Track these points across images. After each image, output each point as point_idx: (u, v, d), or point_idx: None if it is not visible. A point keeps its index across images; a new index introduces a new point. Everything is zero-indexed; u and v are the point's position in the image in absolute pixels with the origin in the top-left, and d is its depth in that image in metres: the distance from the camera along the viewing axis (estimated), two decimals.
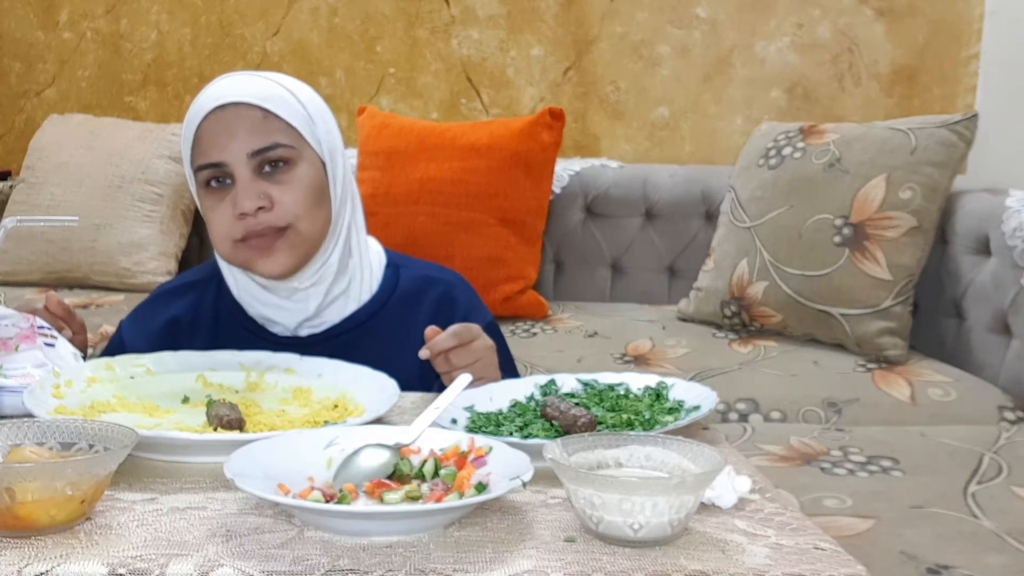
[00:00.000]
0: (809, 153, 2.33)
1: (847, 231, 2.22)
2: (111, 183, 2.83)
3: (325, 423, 1.13)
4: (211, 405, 1.15)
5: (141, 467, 1.04)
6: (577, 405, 1.15)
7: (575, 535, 0.88)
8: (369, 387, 1.25)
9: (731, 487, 0.95)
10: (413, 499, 0.92)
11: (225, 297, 1.48)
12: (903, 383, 2.09)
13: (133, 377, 1.30)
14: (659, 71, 2.98)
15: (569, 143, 2.96)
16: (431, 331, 1.31)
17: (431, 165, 2.58)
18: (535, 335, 2.43)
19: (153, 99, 3.26)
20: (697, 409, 1.15)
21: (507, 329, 2.32)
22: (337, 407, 1.21)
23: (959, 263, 2.27)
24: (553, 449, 0.92)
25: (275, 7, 3.13)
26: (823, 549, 0.86)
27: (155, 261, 2.79)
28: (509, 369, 1.47)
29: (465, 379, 1.14)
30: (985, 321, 2.19)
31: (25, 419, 1.00)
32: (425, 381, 1.36)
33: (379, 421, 1.14)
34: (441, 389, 1.17)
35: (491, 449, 0.98)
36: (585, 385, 1.26)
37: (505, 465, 0.95)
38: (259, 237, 1.36)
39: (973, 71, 2.83)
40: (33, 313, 1.32)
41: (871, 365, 2.17)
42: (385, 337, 1.45)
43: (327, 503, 0.90)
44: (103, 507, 0.93)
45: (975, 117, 2.25)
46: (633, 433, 1.01)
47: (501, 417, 1.16)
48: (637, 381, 1.25)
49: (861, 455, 1.75)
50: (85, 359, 1.36)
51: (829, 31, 2.89)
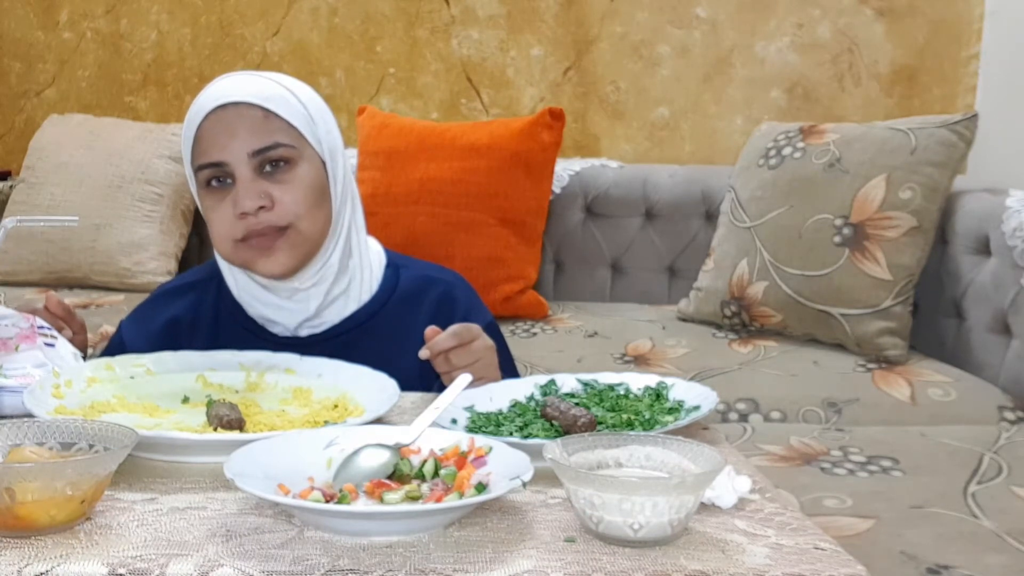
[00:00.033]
0: (809, 153, 2.33)
1: (847, 231, 2.21)
2: (111, 183, 2.83)
3: (325, 423, 1.13)
4: (211, 405, 1.15)
5: (141, 467, 1.04)
6: (577, 405, 1.15)
7: (575, 535, 0.88)
8: (369, 387, 1.25)
9: (731, 487, 0.95)
10: (413, 499, 0.92)
11: (225, 297, 1.48)
12: (903, 383, 2.09)
13: (133, 377, 1.30)
14: (659, 71, 2.98)
15: (569, 143, 2.96)
16: (431, 331, 1.31)
17: (431, 165, 2.58)
18: (535, 335, 2.43)
19: (153, 99, 3.26)
20: (697, 409, 1.15)
21: (507, 329, 2.32)
22: (337, 407, 1.21)
23: (959, 263, 2.27)
24: (553, 449, 0.92)
25: (275, 7, 3.13)
26: (823, 549, 0.86)
27: (155, 261, 2.79)
28: (509, 369, 1.47)
29: (465, 379, 1.14)
30: (985, 321, 2.19)
31: (25, 419, 1.00)
32: (425, 381, 1.37)
33: (379, 421, 1.14)
34: (441, 389, 1.17)
35: (491, 449, 0.98)
36: (585, 385, 1.26)
37: (505, 465, 0.95)
38: (260, 237, 1.37)
39: (973, 71, 2.83)
40: (33, 313, 1.32)
41: (871, 365, 2.17)
42: (385, 337, 1.45)
43: (327, 503, 0.90)
44: (103, 507, 0.93)
45: (975, 117, 2.25)
46: (633, 433, 1.01)
47: (501, 417, 1.16)
48: (637, 381, 1.25)
49: (861, 455, 1.75)
50: (85, 359, 1.36)
51: (829, 31, 2.89)
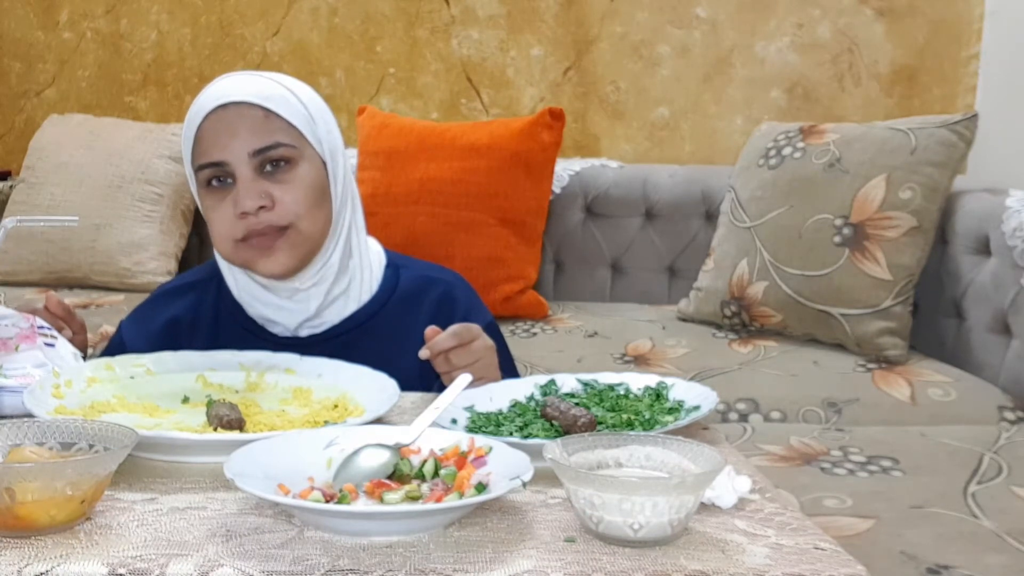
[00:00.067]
0: (809, 153, 2.33)
1: (847, 231, 2.21)
2: (111, 183, 2.83)
3: (325, 423, 1.13)
4: (211, 405, 1.15)
5: (141, 467, 1.04)
6: (577, 405, 1.15)
7: (575, 535, 0.88)
8: (369, 387, 1.25)
9: (731, 487, 0.95)
10: (413, 499, 0.92)
11: (225, 297, 1.48)
12: (903, 383, 2.09)
13: (133, 377, 1.30)
14: (659, 71, 2.98)
15: (569, 143, 2.96)
16: (431, 331, 1.31)
17: (431, 165, 2.58)
18: (535, 335, 2.43)
19: (153, 99, 3.26)
20: (697, 409, 1.15)
21: (507, 329, 2.32)
22: (337, 407, 1.21)
23: (959, 263, 2.27)
24: (553, 449, 0.92)
25: (275, 7, 3.13)
26: (823, 549, 0.86)
27: (155, 261, 2.79)
28: (509, 369, 1.47)
29: (465, 379, 1.14)
30: (985, 321, 2.18)
31: (25, 419, 1.00)
32: (425, 381, 1.36)
33: (379, 421, 1.14)
34: (441, 389, 1.17)
35: (491, 449, 0.98)
36: (585, 385, 1.26)
37: (505, 465, 0.95)
38: (260, 236, 1.37)
39: (973, 71, 2.83)
40: (33, 313, 1.32)
41: (871, 365, 2.17)
42: (385, 337, 1.45)
43: (327, 503, 0.90)
44: (103, 507, 0.93)
45: (975, 117, 2.25)
46: (633, 433, 1.01)
47: (501, 417, 1.16)
48: (637, 381, 1.25)
49: (861, 455, 1.75)
50: (85, 359, 1.36)
51: (829, 31, 2.89)
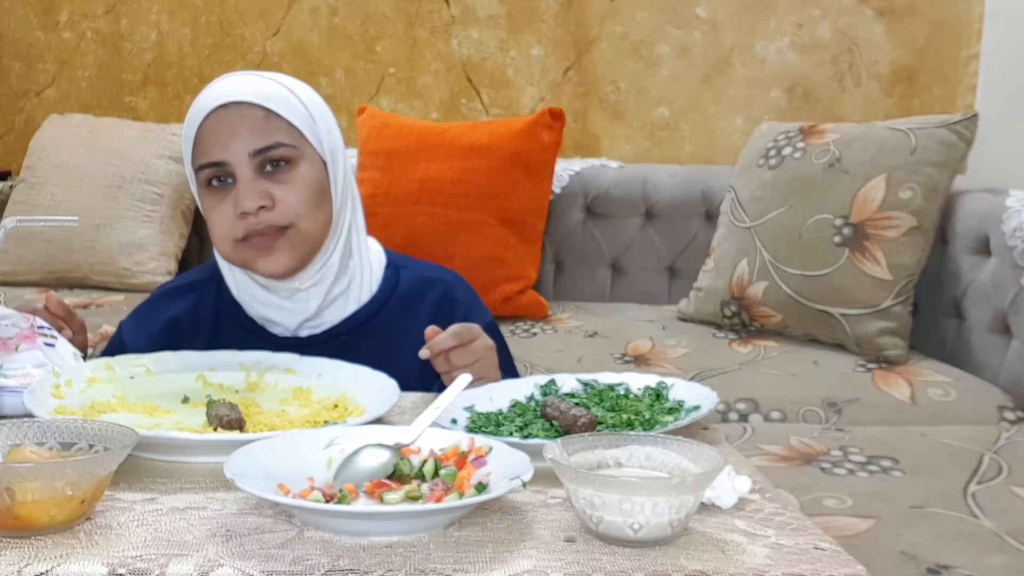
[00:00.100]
0: (809, 153, 2.33)
1: (847, 231, 2.21)
2: (111, 183, 2.83)
3: (325, 423, 1.13)
4: (211, 405, 1.15)
5: (141, 467, 1.04)
6: (577, 405, 1.15)
7: (575, 535, 0.88)
8: (369, 387, 1.25)
9: (731, 487, 0.95)
10: (413, 499, 0.92)
11: (225, 297, 1.48)
12: (903, 383, 2.09)
13: (133, 377, 1.30)
14: (659, 71, 2.98)
15: (569, 143, 2.96)
16: (431, 331, 1.31)
17: (431, 165, 2.58)
18: (535, 335, 2.43)
19: (153, 99, 3.26)
20: (697, 409, 1.15)
21: (507, 329, 2.32)
22: (337, 407, 1.21)
23: (959, 263, 2.27)
24: (553, 449, 0.92)
25: (275, 7, 3.13)
26: (823, 549, 0.86)
27: (155, 261, 2.79)
28: (509, 369, 1.47)
29: (465, 379, 1.14)
30: (985, 321, 2.18)
31: (25, 419, 1.00)
32: (425, 381, 1.36)
33: (379, 421, 1.14)
34: (441, 389, 1.17)
35: (491, 449, 0.98)
36: (585, 385, 1.26)
37: (505, 465, 0.95)
38: (260, 236, 1.37)
39: (973, 71, 2.83)
40: (33, 313, 1.32)
41: (871, 365, 2.17)
42: (385, 337, 1.45)
43: (327, 503, 0.90)
44: (103, 507, 0.93)
45: (975, 117, 2.25)
46: (633, 433, 1.01)
47: (501, 417, 1.16)
48: (637, 381, 1.25)
49: (861, 455, 1.75)
50: (85, 359, 1.36)
51: (829, 31, 2.89)
